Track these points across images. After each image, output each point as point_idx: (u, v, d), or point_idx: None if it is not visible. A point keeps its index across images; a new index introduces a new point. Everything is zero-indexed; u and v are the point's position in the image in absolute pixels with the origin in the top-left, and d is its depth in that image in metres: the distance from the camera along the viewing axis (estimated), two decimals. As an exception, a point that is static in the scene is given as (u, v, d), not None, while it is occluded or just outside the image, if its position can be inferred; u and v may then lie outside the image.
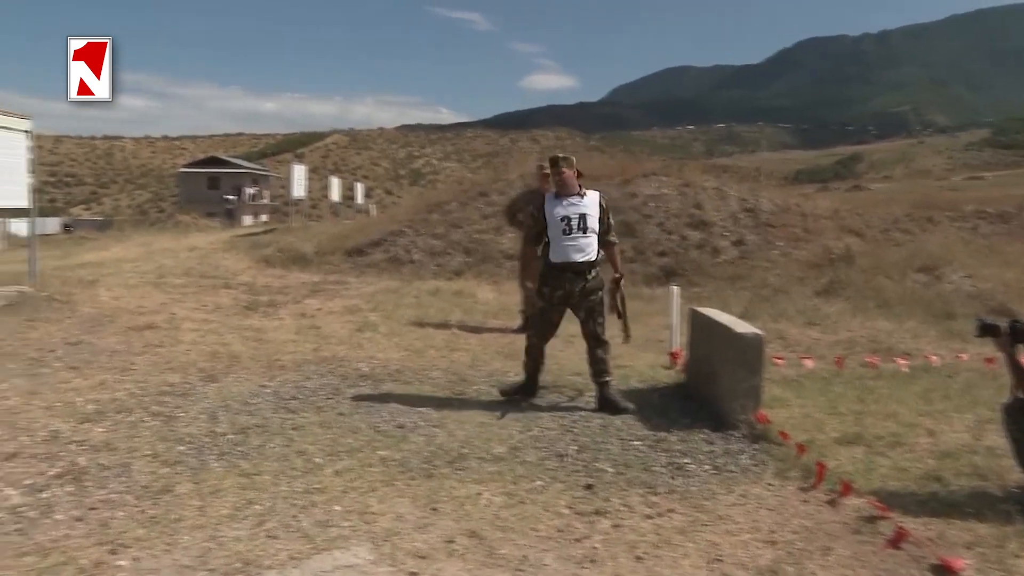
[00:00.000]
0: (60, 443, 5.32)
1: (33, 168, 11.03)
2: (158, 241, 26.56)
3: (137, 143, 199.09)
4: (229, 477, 4.72)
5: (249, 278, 14.93)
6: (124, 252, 21.21)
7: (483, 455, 5.18)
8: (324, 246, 18.06)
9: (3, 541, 3.91)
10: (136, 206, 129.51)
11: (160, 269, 16.16)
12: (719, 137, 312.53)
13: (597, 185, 16.65)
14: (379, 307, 11.04)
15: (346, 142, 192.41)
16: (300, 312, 10.74)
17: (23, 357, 7.71)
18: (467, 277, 13.30)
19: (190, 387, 6.73)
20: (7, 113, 10.41)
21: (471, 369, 7.59)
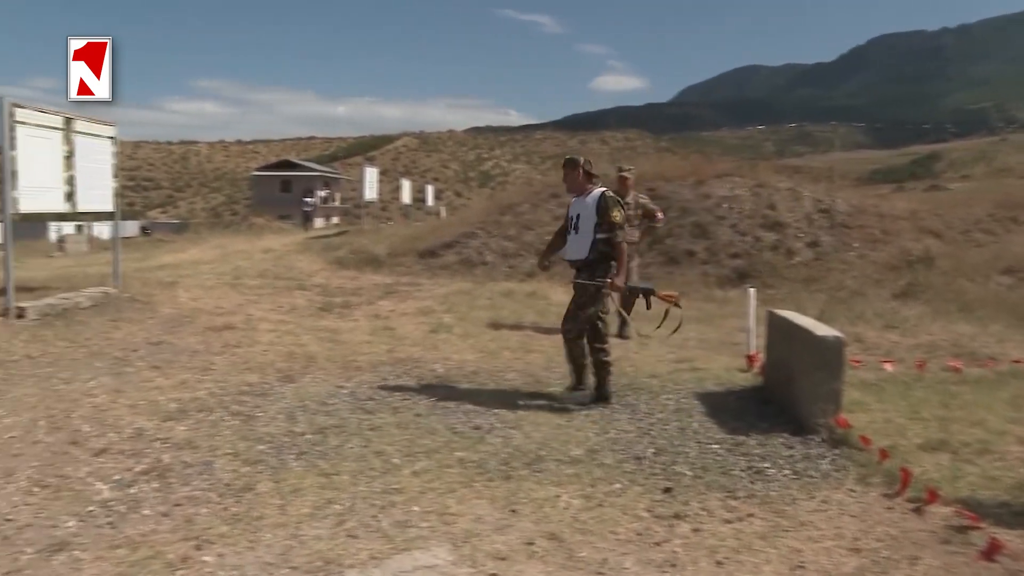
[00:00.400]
0: (145, 440, 5.45)
1: (117, 173, 11.31)
2: (233, 243, 27.00)
3: (211, 147, 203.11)
4: (308, 476, 4.78)
5: (323, 280, 15.10)
6: (200, 254, 21.59)
7: (560, 457, 5.18)
8: (396, 248, 18.18)
9: (96, 533, 4.03)
10: (210, 209, 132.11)
11: (236, 271, 16.42)
12: (790, 137, 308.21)
13: (669, 187, 16.71)
14: (453, 309, 11.08)
15: (416, 145, 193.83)
16: (374, 313, 10.83)
17: (109, 356, 7.91)
18: (540, 279, 13.23)
19: (268, 387, 6.84)
20: (95, 120, 10.70)
21: (546, 371, 7.60)
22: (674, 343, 8.89)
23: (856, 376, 6.94)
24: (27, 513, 4.26)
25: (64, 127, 9.92)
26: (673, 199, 16.47)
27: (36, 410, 6.10)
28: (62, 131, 9.88)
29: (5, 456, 5.13)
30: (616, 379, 7.11)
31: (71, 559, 3.77)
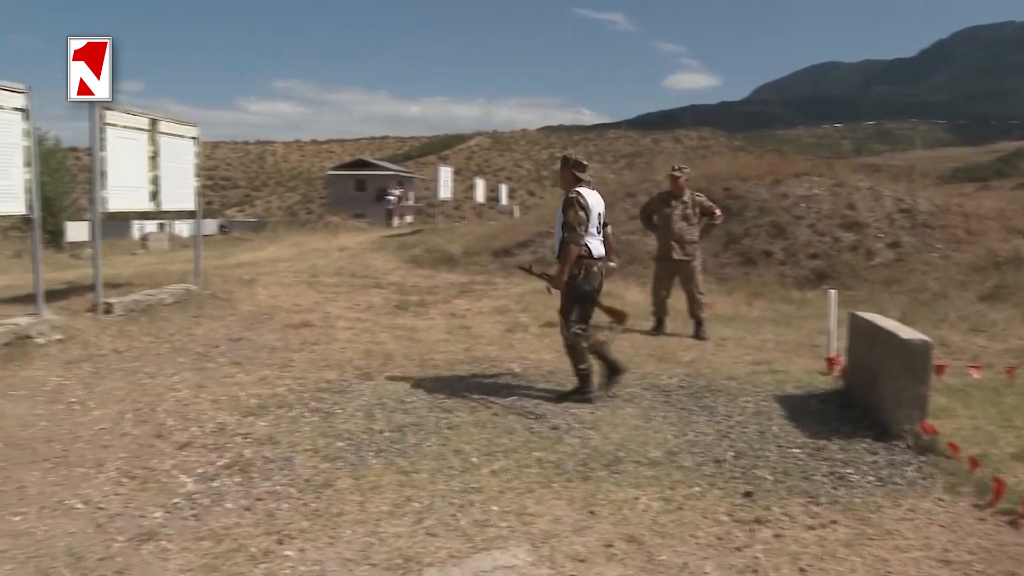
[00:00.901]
0: (227, 435, 5.56)
1: (198, 172, 11.55)
2: (309, 241, 27.36)
3: (287, 147, 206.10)
4: (388, 474, 4.82)
5: (398, 278, 15.23)
6: (278, 252, 21.94)
7: (639, 459, 5.14)
8: (471, 247, 18.25)
9: (181, 525, 4.13)
10: (286, 208, 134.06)
11: (313, 269, 16.63)
12: (868, 135, 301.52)
13: (745, 186, 16.49)
14: (528, 308, 11.07)
15: (489, 144, 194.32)
16: (450, 312, 10.88)
17: (191, 352, 8.08)
18: (614, 278, 13.14)
19: (347, 384, 6.92)
20: (178, 121, 10.94)
21: (622, 372, 7.51)
22: (751, 345, 8.80)
23: (940, 381, 6.75)
24: (117, 503, 4.39)
25: (150, 128, 10.18)
26: (749, 199, 16.25)
27: (123, 403, 6.28)
28: (148, 132, 10.14)
29: (96, 447, 5.30)
30: (693, 380, 7.09)
31: (159, 549, 3.86)
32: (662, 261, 9.90)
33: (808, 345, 8.72)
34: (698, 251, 9.93)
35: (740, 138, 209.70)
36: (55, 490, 4.57)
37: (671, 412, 6.24)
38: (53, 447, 5.28)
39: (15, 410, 6.02)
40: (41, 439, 5.43)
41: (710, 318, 10.41)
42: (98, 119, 9.06)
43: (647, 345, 8.76)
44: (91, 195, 9.49)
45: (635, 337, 9.20)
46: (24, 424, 5.73)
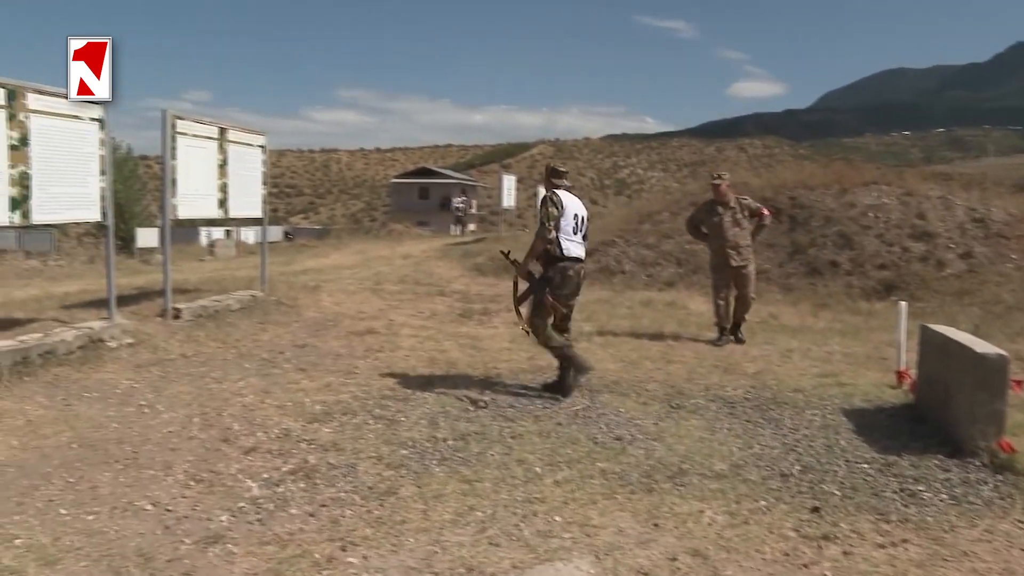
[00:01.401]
0: (292, 441, 5.61)
1: (266, 180, 11.71)
2: (373, 249, 27.58)
3: (352, 155, 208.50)
4: (451, 482, 4.81)
5: (462, 286, 15.26)
6: (342, 259, 22.14)
7: (704, 471, 5.07)
8: (535, 255, 18.19)
9: (247, 529, 4.17)
10: (350, 215, 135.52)
11: (377, 276, 16.75)
12: (939, 142, 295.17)
13: (811, 195, 16.30)
14: (592, 317, 11.02)
15: (552, 152, 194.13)
16: (513, 321, 10.85)
17: (257, 358, 8.19)
18: (679, 288, 13.13)
19: (410, 392, 6.94)
20: (246, 130, 11.11)
21: (688, 382, 7.45)
22: (818, 357, 8.66)
23: (1018, 397, 6.55)
24: (184, 505, 4.46)
25: (219, 137, 10.35)
26: (815, 208, 16.02)
27: (191, 407, 6.38)
28: (217, 141, 10.31)
29: (164, 450, 5.38)
30: (759, 392, 7.00)
31: (225, 552, 3.91)
32: (719, 270, 9.84)
33: (876, 358, 8.55)
34: (752, 255, 9.90)
35: (805, 146, 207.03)
36: (126, 491, 4.66)
37: (736, 424, 6.15)
38: (124, 448, 5.39)
39: (88, 411, 6.16)
40: (113, 440, 5.55)
41: (776, 329, 10.30)
42: (169, 128, 9.24)
43: (711, 356, 8.66)
44: (162, 203, 9.68)
45: (699, 347, 9.12)
46: (97, 425, 5.86)
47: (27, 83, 7.19)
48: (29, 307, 10.08)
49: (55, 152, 7.52)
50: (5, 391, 6.30)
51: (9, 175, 7.00)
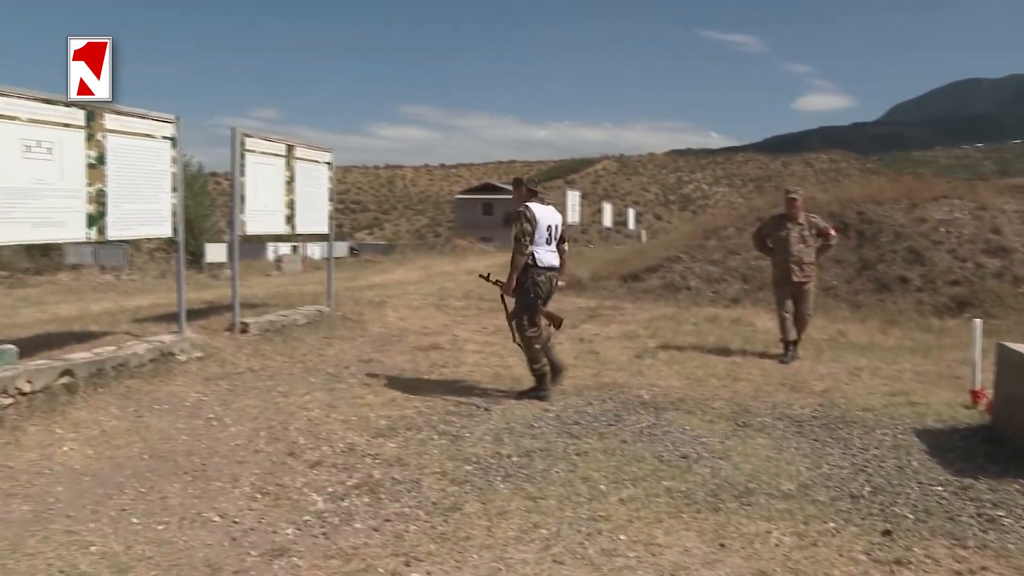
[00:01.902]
0: (357, 455, 5.64)
1: (332, 197, 11.84)
2: (437, 264, 27.80)
3: (416, 171, 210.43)
4: (515, 499, 4.80)
5: (527, 302, 15.22)
6: (407, 275, 22.34)
7: (771, 491, 4.97)
8: (599, 271, 18.15)
9: (312, 542, 4.20)
10: (415, 231, 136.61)
11: (441, 291, 16.84)
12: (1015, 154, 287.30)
13: (880, 210, 16.01)
14: (657, 334, 10.94)
15: (616, 168, 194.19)
16: (578, 337, 10.82)
17: (322, 372, 8.26)
18: (745, 305, 12.97)
19: (475, 407, 6.94)
20: (313, 147, 11.25)
21: (754, 400, 7.33)
22: (888, 375, 8.48)
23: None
24: (251, 518, 4.51)
25: (286, 154, 10.49)
26: (884, 223, 15.72)
27: (258, 421, 6.46)
28: (284, 158, 10.45)
29: (231, 462, 5.46)
30: (827, 411, 6.88)
31: (290, 565, 3.94)
32: (782, 285, 9.77)
33: (949, 376, 8.34)
34: (814, 272, 9.86)
35: (873, 160, 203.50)
36: (194, 502, 4.73)
37: (804, 443, 6.03)
38: (193, 460, 5.47)
39: (159, 423, 6.27)
40: (182, 452, 5.64)
41: (843, 346, 10.13)
42: (239, 146, 9.40)
43: (778, 373, 8.52)
44: (230, 218, 9.83)
45: (766, 365, 8.99)
46: (167, 437, 5.96)
47: (104, 104, 7.36)
48: (104, 320, 10.30)
49: (130, 170, 7.69)
50: (81, 402, 6.43)
51: (87, 192, 7.17)
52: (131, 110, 7.73)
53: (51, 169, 6.80)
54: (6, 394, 6.01)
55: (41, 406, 6.16)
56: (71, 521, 4.40)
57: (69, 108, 6.96)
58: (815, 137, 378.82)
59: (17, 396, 6.08)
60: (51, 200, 6.82)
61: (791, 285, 9.63)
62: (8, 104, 6.37)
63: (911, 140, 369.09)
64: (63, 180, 6.93)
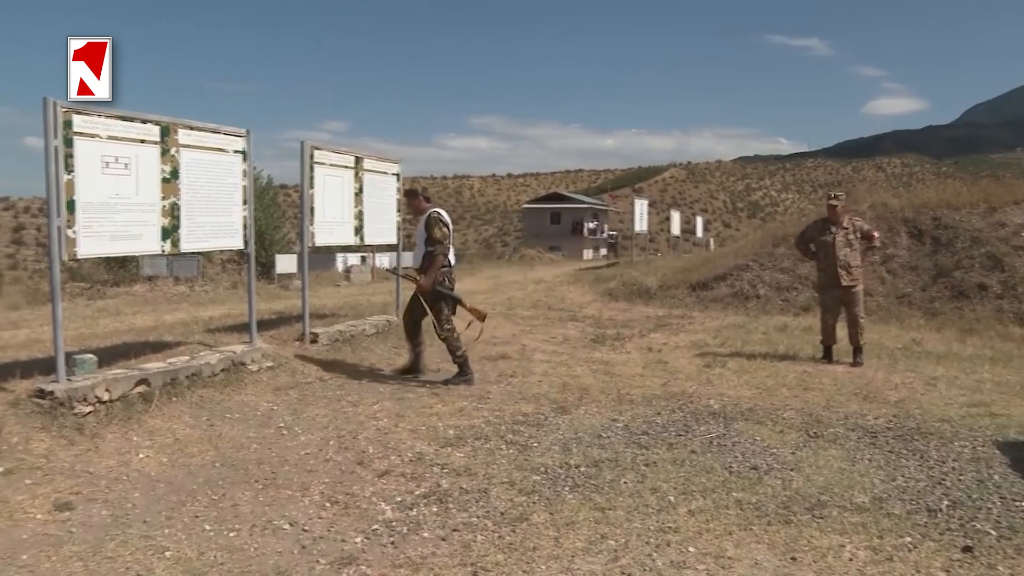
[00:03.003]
0: (425, 464, 5.66)
1: (400, 207, 11.91)
2: (505, 274, 27.83)
3: (484, 181, 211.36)
4: (583, 510, 4.76)
5: (594, 311, 15.23)
6: (475, 284, 22.35)
7: (844, 504, 4.85)
8: (667, 280, 18.04)
9: (380, 551, 4.22)
10: (482, 240, 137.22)
11: (509, 301, 16.86)
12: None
13: (956, 215, 15.63)
14: (726, 343, 10.84)
15: (683, 176, 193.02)
16: (646, 346, 10.76)
17: (391, 382, 8.31)
18: (815, 313, 12.66)
19: (543, 418, 6.93)
20: (381, 158, 11.35)
21: (826, 410, 7.20)
22: (966, 385, 8.25)
23: None
24: (320, 526, 4.55)
25: (354, 166, 10.59)
26: (961, 228, 15.35)
27: (327, 430, 6.52)
28: (353, 170, 10.55)
29: (301, 471, 5.51)
30: (902, 421, 6.74)
31: (358, 573, 3.96)
32: (828, 290, 9.90)
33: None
34: (861, 275, 9.85)
35: (948, 163, 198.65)
36: (265, 510, 4.79)
37: (878, 455, 5.88)
38: (263, 469, 5.54)
39: (231, 432, 6.36)
40: (253, 460, 5.72)
41: (919, 355, 9.90)
42: (308, 158, 9.53)
43: (851, 382, 8.36)
44: (300, 230, 9.95)
45: (837, 374, 8.84)
46: (238, 446, 6.05)
47: (178, 119, 7.53)
48: (177, 330, 10.49)
49: (202, 184, 7.84)
50: (156, 410, 6.55)
51: (161, 206, 7.33)
52: (204, 125, 7.88)
53: (128, 184, 6.96)
54: (86, 402, 6.16)
55: (118, 414, 6.29)
56: (147, 526, 4.48)
57: (145, 125, 7.12)
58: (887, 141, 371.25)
59: (96, 404, 6.23)
60: (128, 214, 6.98)
61: (838, 290, 9.72)
62: (89, 122, 6.54)
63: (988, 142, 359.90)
64: (139, 194, 7.09)
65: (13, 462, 5.21)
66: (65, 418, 5.92)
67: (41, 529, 4.38)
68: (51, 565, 3.94)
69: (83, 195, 6.50)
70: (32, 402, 5.96)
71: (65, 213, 6.35)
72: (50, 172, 6.23)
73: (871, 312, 12.57)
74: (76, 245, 6.47)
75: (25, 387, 6.24)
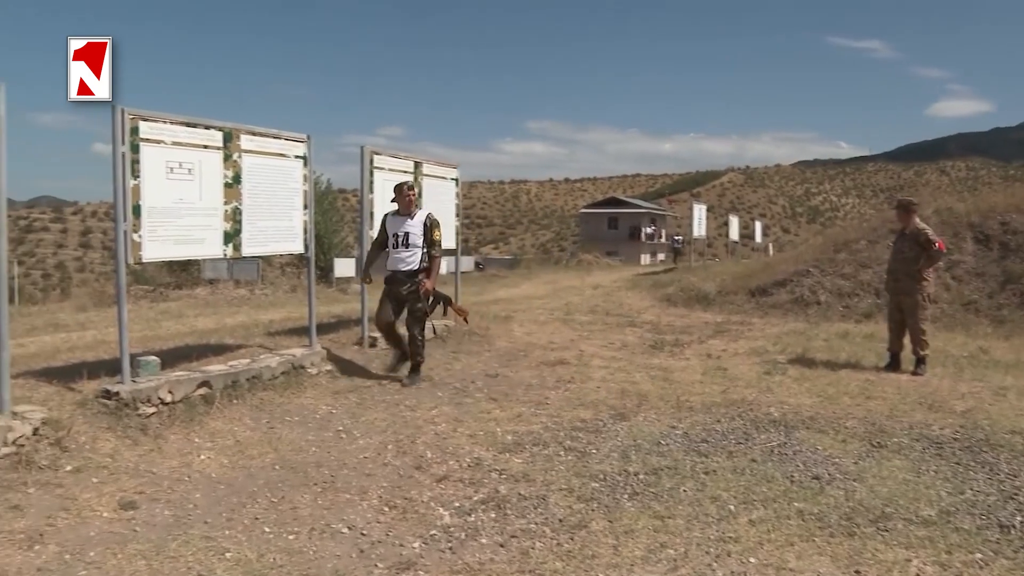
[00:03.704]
0: (483, 470, 5.65)
1: (459, 212, 11.96)
2: (563, 279, 27.82)
3: (541, 186, 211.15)
4: (642, 518, 4.71)
5: (652, 317, 15.14)
6: (532, 289, 22.40)
7: (910, 516, 4.72)
8: (726, 286, 17.89)
9: (438, 557, 4.22)
10: (539, 245, 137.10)
11: (567, 306, 16.83)
12: None
13: (1021, 220, 15.14)
14: (787, 349, 10.68)
15: (741, 180, 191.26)
16: (705, 352, 10.65)
17: (450, 387, 8.33)
18: (877, 320, 12.48)
19: (601, 424, 6.87)
20: (440, 163, 11.40)
21: (889, 420, 7.02)
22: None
23: None
24: (378, 530, 4.56)
25: (414, 171, 10.64)
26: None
27: (385, 434, 6.55)
28: (412, 174, 10.60)
29: (360, 475, 5.54)
30: (970, 432, 6.55)
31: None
32: (890, 296, 9.88)
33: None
34: (914, 285, 9.58)
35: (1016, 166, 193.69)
36: (323, 513, 4.82)
37: (945, 467, 5.72)
38: (322, 472, 5.58)
39: (290, 435, 6.42)
40: (312, 463, 5.76)
41: (986, 364, 9.66)
42: (368, 163, 9.60)
43: (916, 391, 8.16)
44: (359, 234, 10.02)
45: (901, 382, 8.65)
46: (297, 449, 6.10)
47: (241, 125, 7.65)
48: (238, 333, 10.64)
49: (263, 188, 7.94)
50: (217, 412, 6.64)
51: (224, 211, 7.44)
52: (265, 130, 7.98)
53: (191, 189, 7.08)
54: (150, 403, 6.26)
55: (181, 415, 6.38)
56: (208, 527, 4.54)
57: (208, 130, 7.24)
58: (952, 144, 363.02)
59: (159, 405, 6.34)
60: (191, 219, 7.09)
61: (894, 296, 9.74)
62: (155, 128, 6.66)
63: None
64: (202, 199, 7.20)
65: (81, 460, 5.32)
66: (130, 419, 6.03)
67: (107, 527, 4.46)
68: (116, 563, 4.01)
69: (148, 200, 6.62)
70: (99, 402, 6.09)
71: (131, 217, 6.47)
72: (117, 177, 6.36)
73: (935, 320, 12.30)
74: (141, 249, 6.60)
75: (92, 388, 6.38)
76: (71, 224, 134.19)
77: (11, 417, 5.41)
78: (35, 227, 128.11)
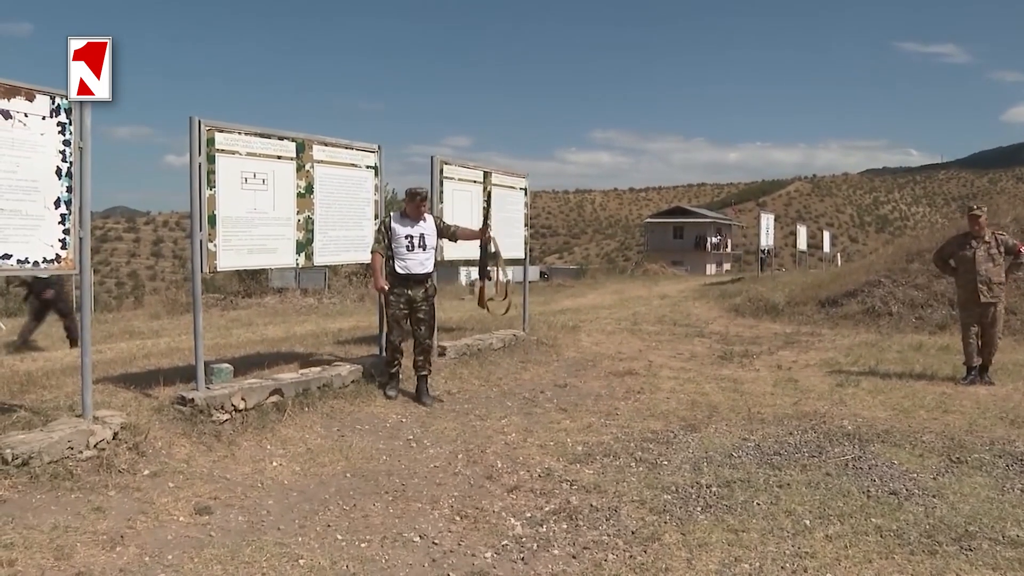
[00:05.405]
0: (554, 480, 5.63)
1: (527, 222, 11.95)
2: (629, 289, 27.66)
3: (605, 195, 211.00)
4: (716, 531, 4.65)
5: (721, 327, 14.99)
6: (599, 299, 22.31)
7: (995, 536, 4.57)
8: (795, 296, 17.64)
9: (510, 567, 4.24)
10: (604, 255, 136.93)
11: (634, 316, 16.74)
12: None
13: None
14: (859, 361, 10.49)
15: (808, 189, 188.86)
16: (775, 364, 10.51)
17: (519, 396, 8.32)
18: (952, 331, 12.18)
19: (672, 435, 6.82)
20: (509, 173, 11.41)
21: (968, 434, 6.84)
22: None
23: None
24: (450, 540, 4.57)
25: (482, 180, 10.66)
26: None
27: (455, 443, 6.56)
28: (481, 184, 10.62)
29: (431, 484, 5.55)
30: None
31: (488, 590, 3.95)
32: (968, 307, 9.42)
33: None
34: (1003, 293, 9.38)
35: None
36: (395, 522, 4.84)
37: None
38: (393, 480, 5.61)
39: (361, 443, 6.46)
40: (383, 472, 5.79)
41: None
42: (438, 173, 9.64)
43: (996, 405, 7.94)
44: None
45: (980, 396, 8.42)
46: (368, 457, 6.14)
47: (313, 136, 7.75)
48: (307, 342, 10.76)
49: (335, 198, 8.03)
50: (289, 420, 6.71)
51: (296, 220, 7.53)
52: (337, 141, 8.07)
53: (265, 199, 7.18)
54: (223, 410, 6.35)
55: (253, 422, 6.47)
56: (281, 534, 4.58)
57: (282, 141, 7.35)
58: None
59: (233, 412, 6.43)
60: (265, 228, 7.19)
61: (978, 307, 9.28)
62: (230, 139, 6.78)
63: None
64: (275, 209, 7.30)
65: (158, 465, 5.42)
66: (204, 425, 6.13)
67: (183, 531, 4.53)
68: (193, 567, 4.07)
69: (223, 210, 6.73)
70: (174, 409, 6.20)
71: (207, 227, 6.58)
72: (194, 188, 6.47)
73: (1015, 332, 12.00)
74: (216, 258, 6.70)
75: (168, 394, 6.50)
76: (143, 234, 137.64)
77: (93, 421, 5.54)
78: (110, 236, 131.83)
